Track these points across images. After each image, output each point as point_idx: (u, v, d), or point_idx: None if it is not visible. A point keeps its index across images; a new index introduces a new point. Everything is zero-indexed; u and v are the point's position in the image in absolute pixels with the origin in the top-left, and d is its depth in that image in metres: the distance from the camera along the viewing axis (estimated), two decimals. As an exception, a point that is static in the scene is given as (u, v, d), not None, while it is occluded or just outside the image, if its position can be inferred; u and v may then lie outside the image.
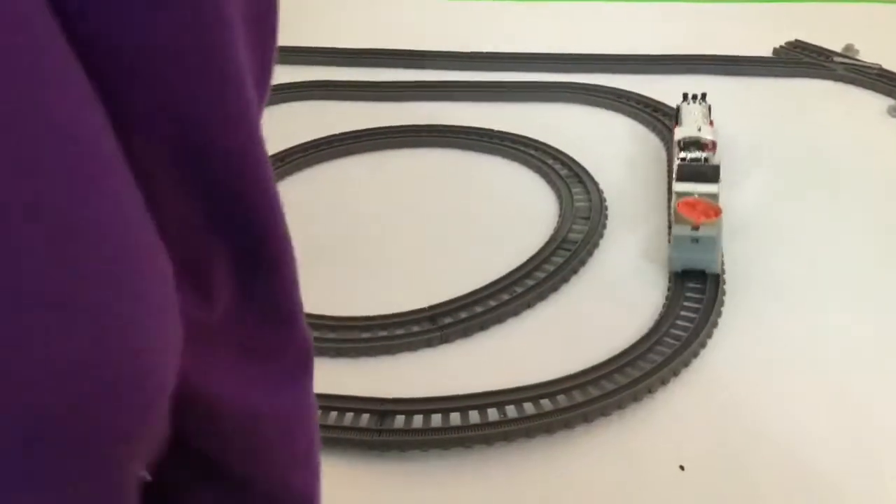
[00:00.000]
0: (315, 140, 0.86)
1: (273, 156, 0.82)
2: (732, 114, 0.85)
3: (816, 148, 0.79)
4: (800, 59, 0.95)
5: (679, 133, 0.72)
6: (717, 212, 0.62)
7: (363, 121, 0.88)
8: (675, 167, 0.68)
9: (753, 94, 0.89)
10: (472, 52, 1.01)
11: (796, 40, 0.98)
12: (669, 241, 0.64)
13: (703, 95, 0.79)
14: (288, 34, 0.72)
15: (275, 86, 0.64)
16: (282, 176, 0.81)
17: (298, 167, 0.83)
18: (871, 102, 0.86)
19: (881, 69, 0.89)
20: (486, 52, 1.01)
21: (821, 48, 0.95)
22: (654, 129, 0.84)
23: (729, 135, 0.80)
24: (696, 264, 0.61)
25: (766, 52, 0.98)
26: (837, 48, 0.95)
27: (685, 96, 0.79)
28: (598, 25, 1.08)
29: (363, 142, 0.86)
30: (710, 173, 0.66)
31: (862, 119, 0.83)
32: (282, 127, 0.90)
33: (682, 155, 0.69)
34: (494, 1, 1.22)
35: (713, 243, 0.61)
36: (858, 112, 0.84)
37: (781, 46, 0.98)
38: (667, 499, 0.47)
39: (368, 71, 1.00)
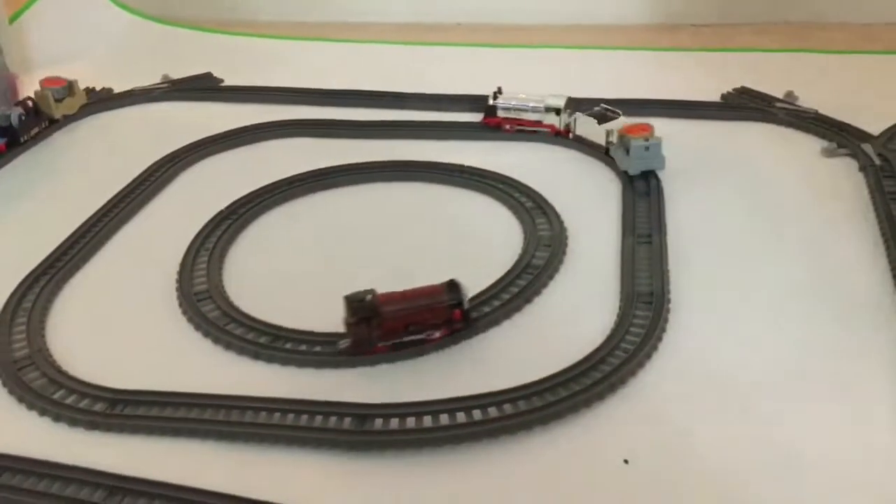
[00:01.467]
0: (298, 174, 0.93)
1: (259, 189, 0.89)
2: (683, 153, 0.93)
3: (758, 183, 0.87)
4: (745, 105, 1.03)
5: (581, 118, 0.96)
6: (649, 127, 0.87)
7: (343, 156, 0.96)
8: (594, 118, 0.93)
9: (702, 136, 0.97)
10: (441, 94, 1.09)
11: (743, 87, 1.07)
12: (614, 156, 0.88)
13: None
14: (272, 76, 0.83)
15: (261, 123, 0.75)
16: (268, 208, 0.88)
17: (283, 199, 0.89)
18: (807, 144, 0.94)
19: (817, 114, 0.98)
20: (455, 95, 1.09)
21: (765, 94, 1.04)
22: (610, 166, 0.91)
23: (680, 170, 0.89)
24: (649, 166, 0.87)
25: (715, 97, 1.06)
26: (780, 94, 1.04)
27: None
28: (559, 71, 1.16)
29: (342, 176, 0.93)
30: (615, 115, 0.93)
31: (799, 159, 0.91)
32: (267, 162, 0.97)
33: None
34: (463, 47, 1.31)
35: (659, 148, 0.86)
36: (796, 152, 0.92)
37: (729, 92, 1.06)
38: (613, 484, 0.53)
39: (346, 111, 1.08)
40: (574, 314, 0.69)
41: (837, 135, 0.93)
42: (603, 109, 0.95)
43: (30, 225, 0.87)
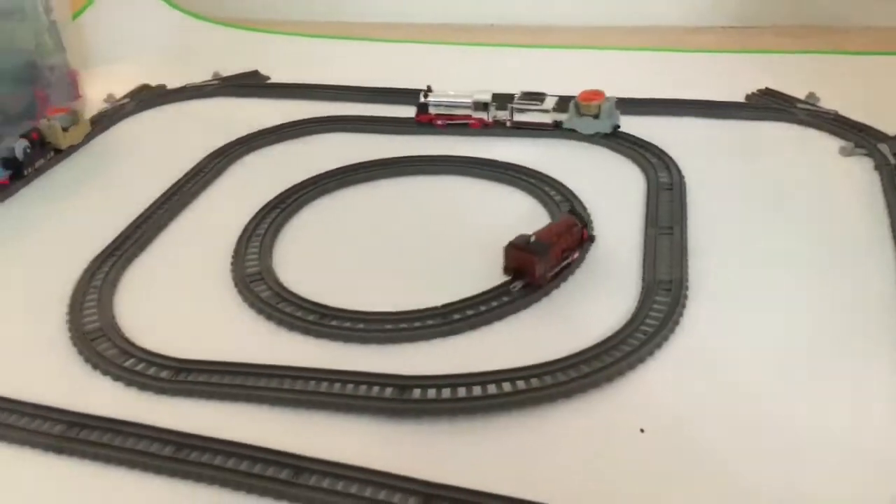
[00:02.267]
0: (341, 167, 0.99)
1: (305, 180, 0.95)
2: (707, 150, 0.98)
3: (777, 181, 0.91)
4: (768, 105, 1.07)
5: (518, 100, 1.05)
6: (600, 92, 1.01)
7: (382, 151, 1.02)
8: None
9: (726, 135, 1.02)
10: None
11: (766, 88, 1.11)
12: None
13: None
14: (316, 73, 0.91)
15: (306, 119, 0.83)
16: (313, 198, 0.94)
17: (327, 190, 0.96)
18: (826, 143, 0.98)
19: (837, 114, 1.02)
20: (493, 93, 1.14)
21: (787, 95, 1.08)
22: (636, 162, 0.97)
23: (703, 167, 0.93)
24: (615, 122, 1.02)
25: (740, 97, 1.11)
26: (801, 96, 1.08)
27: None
28: (585, 71, 1.21)
29: (381, 169, 0.99)
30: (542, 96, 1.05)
31: (818, 157, 0.95)
32: (311, 155, 1.03)
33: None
34: (499, 47, 1.36)
35: (614, 105, 1.02)
36: (815, 151, 0.97)
37: (753, 93, 1.11)
38: (630, 451, 0.58)
39: (386, 107, 1.14)
40: (597, 299, 0.74)
41: (856, 135, 0.97)
42: (525, 94, 1.06)
43: (96, 211, 0.94)
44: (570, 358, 0.66)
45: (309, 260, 0.84)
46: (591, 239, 0.80)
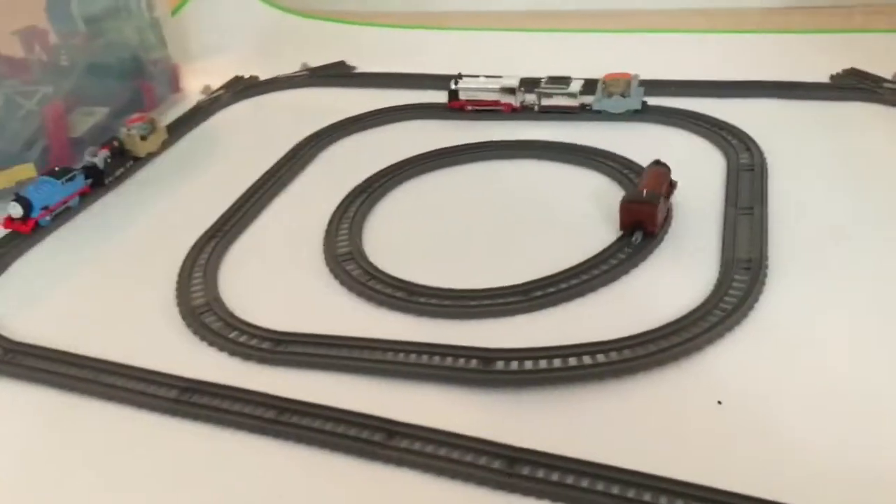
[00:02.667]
0: (426, 152, 1.03)
1: (391, 165, 1.00)
2: (789, 132, 0.98)
3: (861, 162, 0.91)
4: (853, 85, 1.06)
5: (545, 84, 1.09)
6: (627, 73, 1.05)
7: (464, 136, 1.05)
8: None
9: (809, 116, 1.01)
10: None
11: (852, 68, 1.10)
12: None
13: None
14: (400, 63, 0.96)
15: (391, 107, 0.88)
16: (399, 182, 0.98)
17: (413, 174, 1.00)
18: None
19: None
20: (567, 78, 1.16)
21: (873, 75, 1.07)
22: (717, 145, 0.97)
23: (785, 148, 0.94)
24: (642, 98, 1.05)
25: (824, 78, 1.10)
26: (888, 75, 1.06)
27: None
28: (670, 54, 1.21)
29: (465, 154, 1.02)
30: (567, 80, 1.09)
31: None
32: (397, 142, 1.08)
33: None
34: (581, 32, 1.38)
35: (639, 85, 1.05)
36: None
37: (838, 73, 1.10)
38: (707, 421, 0.60)
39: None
40: (677, 277, 0.76)
41: (944, 114, 0.96)
42: (550, 79, 1.09)
43: (198, 196, 1.01)
44: (648, 333, 0.68)
45: (396, 241, 0.88)
46: (675, 185, 0.85)
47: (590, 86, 1.07)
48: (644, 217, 0.80)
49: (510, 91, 1.10)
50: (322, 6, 1.57)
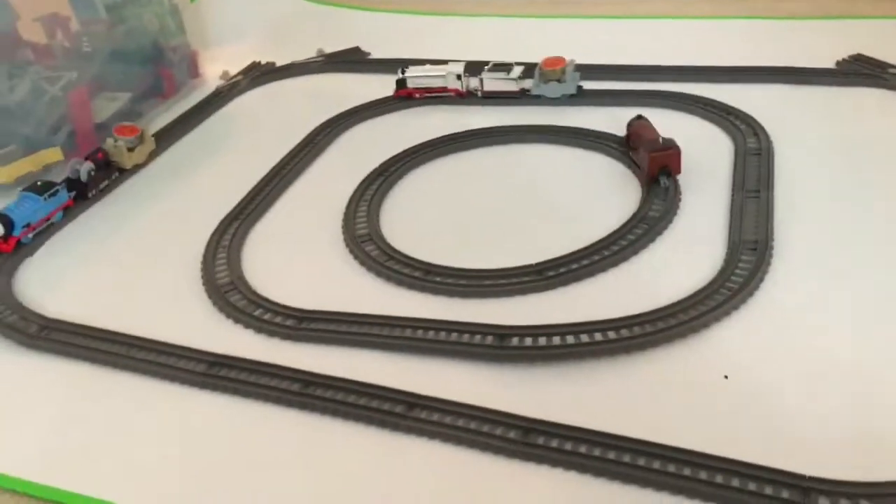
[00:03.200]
0: (440, 137, 1.05)
1: (407, 150, 1.02)
2: (795, 117, 1.00)
3: (866, 146, 0.93)
4: (859, 71, 1.08)
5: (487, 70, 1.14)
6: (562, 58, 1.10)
7: (478, 121, 1.08)
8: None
9: (814, 101, 1.04)
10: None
11: (858, 54, 1.12)
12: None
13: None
14: (414, 49, 0.99)
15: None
16: (415, 166, 1.01)
17: (427, 158, 1.02)
18: None
19: None
20: (587, 64, 1.19)
21: (879, 61, 1.09)
22: (724, 129, 1.00)
23: (790, 133, 0.96)
24: (577, 82, 1.10)
25: (830, 64, 1.12)
26: (894, 61, 1.08)
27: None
28: (677, 40, 1.23)
29: (478, 138, 1.05)
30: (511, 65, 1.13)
31: None
32: (412, 126, 1.10)
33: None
34: (589, 19, 1.39)
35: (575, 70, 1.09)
36: None
37: (844, 59, 1.12)
38: (715, 394, 0.63)
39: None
40: (685, 258, 0.79)
41: (949, 100, 0.98)
42: (494, 65, 1.14)
43: (220, 179, 1.04)
44: (657, 311, 0.71)
45: (412, 222, 0.91)
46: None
47: (529, 71, 1.12)
48: (670, 161, 0.87)
49: (457, 77, 1.14)
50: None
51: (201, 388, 0.70)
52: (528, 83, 1.11)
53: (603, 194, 0.90)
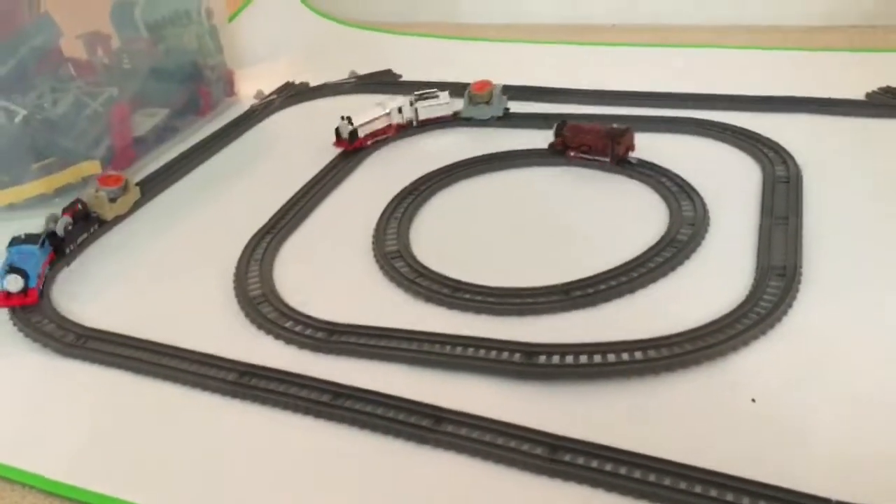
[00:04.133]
0: (469, 158, 1.07)
1: (436, 170, 1.03)
2: (825, 146, 1.01)
3: (894, 177, 0.93)
4: (888, 103, 1.08)
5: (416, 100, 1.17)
6: (488, 81, 1.16)
7: (503, 144, 1.09)
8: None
9: (844, 131, 1.04)
10: (599, 90, 1.21)
11: (887, 86, 1.12)
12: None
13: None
14: (443, 72, 1.02)
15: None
16: (444, 186, 1.03)
17: (456, 179, 1.04)
18: None
19: None
20: (612, 91, 1.20)
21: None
22: (753, 156, 1.00)
23: (820, 162, 0.96)
24: (505, 105, 1.16)
25: (860, 95, 1.12)
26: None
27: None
28: (713, 70, 1.24)
29: (514, 160, 1.07)
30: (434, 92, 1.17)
31: None
32: (441, 148, 1.12)
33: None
34: (618, 46, 1.41)
35: (502, 93, 1.17)
36: None
37: (874, 91, 1.12)
38: (740, 419, 0.63)
39: (518, 104, 1.21)
40: (713, 282, 0.79)
41: (980, 132, 0.98)
42: (418, 96, 1.17)
43: (252, 195, 1.06)
44: (685, 333, 0.71)
45: (441, 240, 0.92)
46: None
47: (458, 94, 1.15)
48: (631, 141, 0.99)
49: (398, 111, 1.15)
50: (370, 17, 1.63)
51: (232, 396, 0.71)
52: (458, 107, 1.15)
53: (630, 217, 0.91)
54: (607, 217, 0.92)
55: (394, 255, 0.88)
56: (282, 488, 0.61)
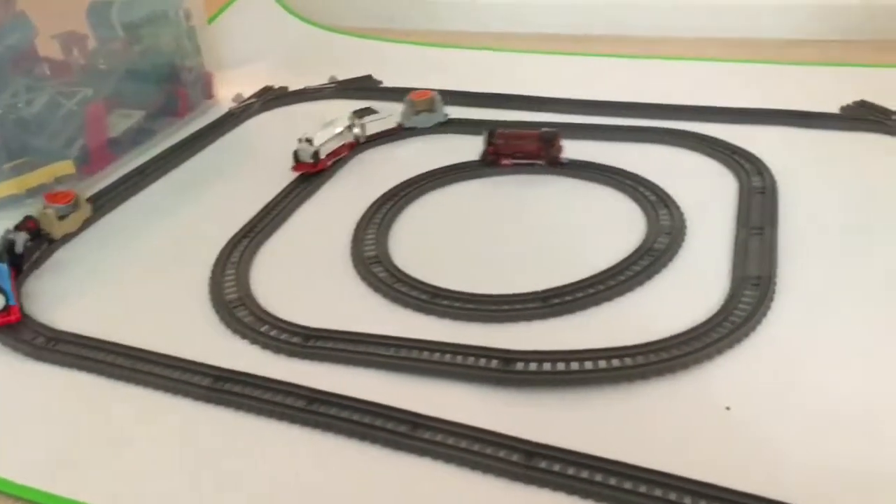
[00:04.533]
0: (446, 166, 1.07)
1: (415, 176, 1.03)
2: (800, 158, 1.02)
3: (868, 190, 0.94)
4: (863, 117, 1.10)
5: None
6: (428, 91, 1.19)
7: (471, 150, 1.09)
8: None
9: (819, 144, 1.05)
10: (580, 100, 1.22)
11: (861, 100, 1.14)
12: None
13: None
14: (424, 79, 1.02)
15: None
16: (423, 192, 1.02)
17: (436, 186, 1.04)
18: None
19: None
20: (592, 100, 1.21)
21: (881, 107, 1.11)
22: (729, 167, 1.01)
23: (794, 172, 0.98)
24: (444, 113, 1.19)
25: (834, 109, 1.14)
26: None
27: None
28: (690, 81, 1.25)
29: (483, 168, 1.07)
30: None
31: None
32: (421, 154, 1.12)
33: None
34: (600, 57, 1.42)
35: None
36: None
37: (848, 105, 1.13)
38: (714, 427, 0.64)
39: (489, 111, 1.22)
40: (688, 291, 0.80)
41: (951, 147, 0.99)
42: (361, 112, 1.19)
43: (229, 200, 1.05)
44: (660, 341, 0.71)
45: (420, 247, 0.91)
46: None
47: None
48: (559, 143, 1.02)
49: (348, 129, 1.13)
50: (351, 22, 1.62)
51: (206, 401, 0.70)
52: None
53: (608, 226, 0.91)
54: (588, 225, 0.92)
55: (372, 260, 0.88)
56: (257, 494, 0.60)
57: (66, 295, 0.87)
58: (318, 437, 0.65)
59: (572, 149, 1.08)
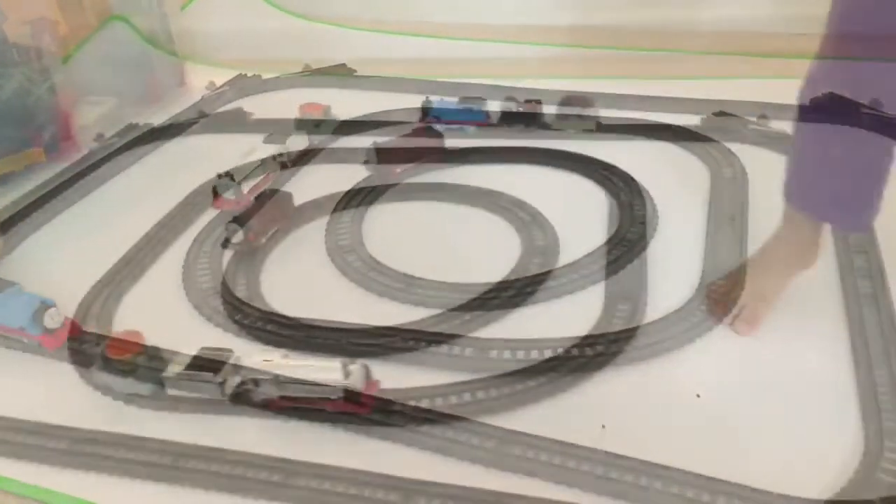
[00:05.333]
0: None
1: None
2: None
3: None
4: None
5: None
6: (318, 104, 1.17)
7: (463, 141, 1.10)
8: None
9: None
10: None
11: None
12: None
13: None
14: (397, 67, 0.99)
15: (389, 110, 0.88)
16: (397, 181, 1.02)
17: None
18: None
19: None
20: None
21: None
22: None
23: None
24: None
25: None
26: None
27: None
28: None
29: (460, 157, 1.07)
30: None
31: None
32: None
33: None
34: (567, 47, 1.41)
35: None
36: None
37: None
38: (685, 412, 0.66)
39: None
40: (663, 277, 0.81)
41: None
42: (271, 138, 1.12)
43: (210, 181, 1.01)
44: (633, 329, 0.73)
45: (397, 236, 0.92)
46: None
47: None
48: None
49: (274, 158, 1.08)
50: (326, 12, 1.61)
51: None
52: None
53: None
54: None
55: (346, 249, 0.88)
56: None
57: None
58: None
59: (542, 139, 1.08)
